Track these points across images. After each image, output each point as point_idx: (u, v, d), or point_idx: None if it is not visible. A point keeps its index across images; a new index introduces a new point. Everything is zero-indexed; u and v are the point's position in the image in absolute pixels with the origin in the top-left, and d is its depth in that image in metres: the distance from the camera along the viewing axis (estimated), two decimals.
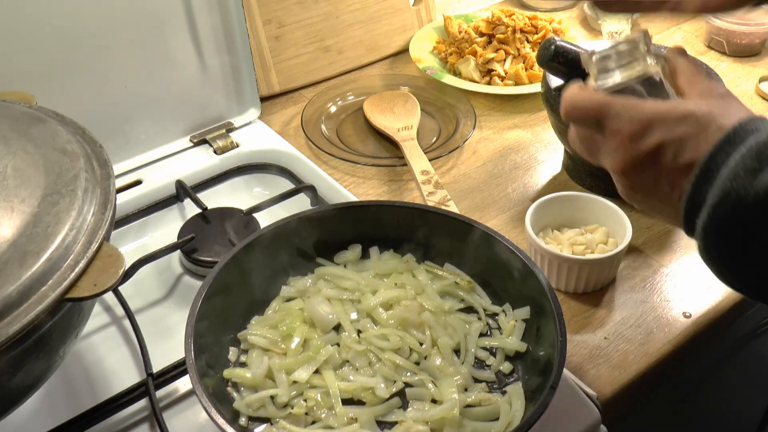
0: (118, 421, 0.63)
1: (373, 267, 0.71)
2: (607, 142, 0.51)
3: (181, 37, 0.89)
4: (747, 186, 0.43)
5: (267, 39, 1.05)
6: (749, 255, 0.45)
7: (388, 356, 0.63)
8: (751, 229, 0.44)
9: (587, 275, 0.72)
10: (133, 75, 0.87)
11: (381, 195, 0.89)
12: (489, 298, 0.69)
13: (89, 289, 0.50)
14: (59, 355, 0.56)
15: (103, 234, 0.53)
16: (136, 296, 0.75)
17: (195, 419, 0.63)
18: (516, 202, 0.87)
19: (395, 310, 0.66)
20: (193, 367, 0.56)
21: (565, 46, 0.77)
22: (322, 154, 0.95)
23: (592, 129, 0.52)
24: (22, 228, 0.51)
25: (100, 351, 0.70)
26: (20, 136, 0.59)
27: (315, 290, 0.69)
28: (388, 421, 0.59)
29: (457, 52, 1.11)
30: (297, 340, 0.64)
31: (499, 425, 0.58)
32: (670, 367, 0.70)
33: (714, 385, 0.98)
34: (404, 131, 0.96)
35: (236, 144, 0.95)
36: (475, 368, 0.64)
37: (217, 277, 0.63)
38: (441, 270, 0.71)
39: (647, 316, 0.72)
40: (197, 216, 0.82)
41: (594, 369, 0.67)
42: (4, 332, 0.46)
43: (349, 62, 1.13)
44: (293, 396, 0.60)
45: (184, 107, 0.94)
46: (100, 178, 0.58)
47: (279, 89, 1.08)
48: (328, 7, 1.09)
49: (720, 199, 0.45)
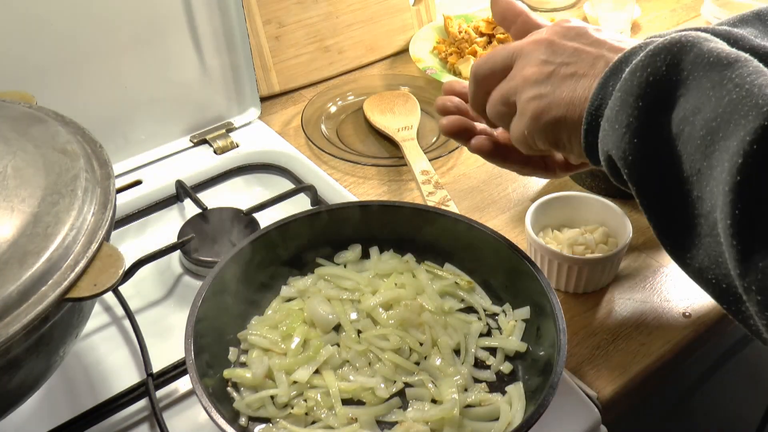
0: (118, 421, 0.63)
1: (373, 267, 0.71)
2: (536, 34, 0.56)
3: (181, 37, 0.89)
4: (694, 44, 0.45)
5: (267, 39, 1.05)
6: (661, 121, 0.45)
7: (388, 356, 0.63)
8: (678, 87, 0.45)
9: (587, 275, 0.72)
10: (133, 75, 0.87)
11: (381, 195, 0.89)
12: (489, 298, 0.69)
13: (89, 289, 0.50)
14: (59, 355, 0.56)
15: (103, 234, 0.53)
16: (136, 296, 0.75)
17: (195, 419, 0.63)
18: (516, 202, 0.87)
19: (395, 310, 0.66)
20: (193, 367, 0.56)
21: None
22: (322, 154, 0.95)
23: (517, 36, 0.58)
24: (22, 228, 0.51)
25: (100, 351, 0.70)
26: (20, 136, 0.59)
27: (315, 290, 0.69)
28: (388, 421, 0.59)
29: (457, 52, 1.11)
30: (297, 340, 0.64)
31: (499, 425, 0.58)
32: (670, 367, 0.70)
33: (714, 385, 0.98)
34: (404, 131, 0.96)
35: (236, 144, 0.95)
36: (475, 368, 0.64)
37: (217, 277, 0.63)
38: (441, 270, 0.71)
39: (647, 316, 0.72)
40: (197, 216, 0.82)
41: (594, 369, 0.67)
42: (4, 332, 0.46)
43: (349, 62, 1.13)
44: (293, 396, 0.60)
45: (184, 107, 0.94)
46: (100, 178, 0.58)
47: (279, 89, 1.08)
48: (328, 7, 1.09)
49: (663, 48, 0.46)
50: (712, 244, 0.43)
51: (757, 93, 0.41)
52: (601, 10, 1.16)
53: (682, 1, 1.34)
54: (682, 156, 0.44)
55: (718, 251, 0.43)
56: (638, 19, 1.26)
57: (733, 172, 0.40)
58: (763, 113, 0.39)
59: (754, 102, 0.40)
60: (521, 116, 0.55)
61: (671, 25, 1.28)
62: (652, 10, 1.31)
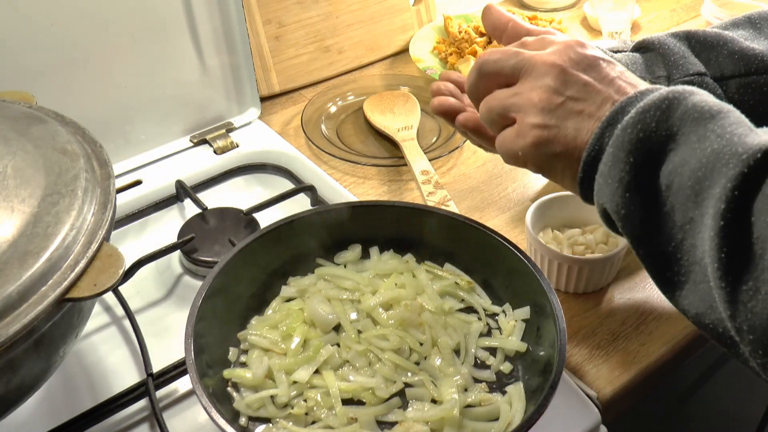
0: (118, 421, 0.63)
1: (373, 267, 0.71)
2: (553, 48, 0.55)
3: (181, 37, 0.89)
4: (681, 100, 0.47)
5: (267, 39, 1.05)
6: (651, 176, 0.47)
7: (388, 356, 0.63)
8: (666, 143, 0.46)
9: (587, 275, 0.72)
10: (133, 75, 0.87)
11: (381, 195, 0.89)
12: (489, 298, 0.69)
13: (89, 289, 0.50)
14: (59, 355, 0.56)
15: (103, 234, 0.53)
16: (136, 296, 0.75)
17: (195, 419, 0.63)
18: (516, 202, 0.87)
19: (395, 310, 0.66)
20: (193, 367, 0.56)
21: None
22: (322, 154, 0.95)
23: (535, 47, 0.57)
24: (22, 228, 0.51)
25: (100, 351, 0.70)
26: (20, 136, 0.59)
27: (315, 290, 0.69)
28: (388, 421, 0.59)
29: (457, 52, 1.11)
30: (297, 340, 0.64)
31: (499, 425, 0.58)
32: (670, 367, 0.70)
33: (714, 385, 0.98)
34: (404, 131, 0.96)
35: (236, 144, 0.95)
36: (475, 368, 0.64)
37: (217, 277, 0.63)
38: (441, 270, 0.71)
39: (647, 316, 0.72)
40: (197, 216, 0.82)
41: (594, 369, 0.67)
42: (4, 332, 0.46)
43: (349, 62, 1.13)
44: (293, 396, 0.60)
45: (184, 107, 0.94)
46: (100, 178, 0.58)
47: (279, 89, 1.08)
48: (328, 7, 1.09)
49: (652, 104, 0.47)
50: (706, 290, 0.44)
51: (737, 142, 0.43)
52: (601, 10, 1.16)
53: (682, 1, 1.34)
54: (674, 206, 0.46)
55: (712, 296, 0.44)
56: (638, 19, 1.26)
57: (717, 218, 0.42)
58: (742, 161, 0.42)
59: (734, 150, 0.42)
60: (519, 137, 0.55)
61: (671, 25, 1.28)
62: (652, 10, 1.31)
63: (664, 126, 0.47)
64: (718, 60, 0.63)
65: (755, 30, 0.64)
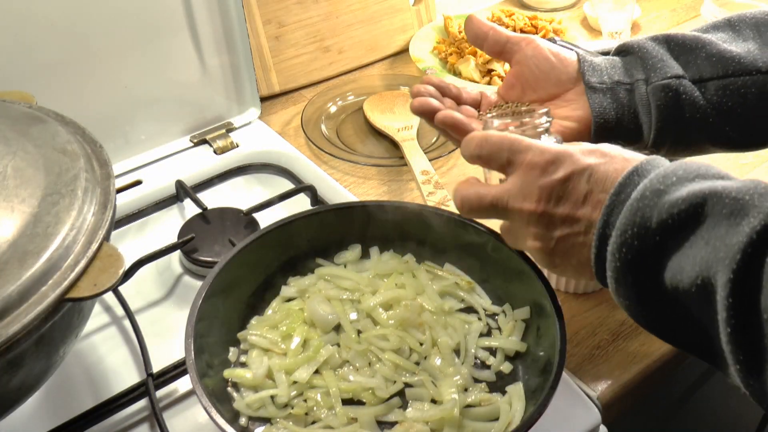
0: (118, 421, 0.63)
1: (373, 267, 0.71)
2: (518, 182, 0.54)
3: (181, 37, 0.89)
4: (652, 207, 0.46)
5: (267, 39, 1.05)
6: (655, 286, 0.47)
7: (388, 356, 0.63)
8: (655, 254, 0.46)
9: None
10: (133, 75, 0.87)
11: (381, 195, 0.89)
12: (489, 298, 0.69)
13: (89, 289, 0.50)
14: (59, 355, 0.56)
15: (103, 234, 0.53)
16: (136, 296, 0.75)
17: (195, 419, 0.63)
18: None
19: (395, 311, 0.66)
20: (193, 367, 0.56)
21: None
22: (322, 154, 0.95)
23: (500, 164, 0.56)
24: (22, 228, 0.51)
25: (100, 351, 0.70)
26: (20, 136, 0.59)
27: (315, 290, 0.69)
28: (388, 421, 0.59)
29: (457, 52, 1.11)
30: (297, 340, 0.64)
31: (499, 425, 0.58)
32: (670, 367, 0.70)
33: (714, 385, 0.98)
34: (404, 131, 0.96)
35: (236, 144, 0.95)
36: (475, 368, 0.64)
37: (217, 277, 0.63)
38: (441, 270, 0.71)
39: None
40: (197, 216, 0.82)
41: (594, 369, 0.67)
42: (4, 332, 0.46)
43: (349, 62, 1.13)
44: (293, 396, 0.60)
45: (184, 107, 0.94)
46: (100, 178, 0.58)
47: (279, 89, 1.08)
48: (328, 7, 1.09)
49: (627, 221, 0.47)
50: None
51: (719, 246, 0.42)
52: (601, 10, 1.16)
53: (682, 1, 1.34)
54: (690, 308, 0.46)
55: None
56: (638, 19, 1.27)
57: (724, 325, 0.42)
58: (726, 266, 0.41)
59: (718, 256, 0.42)
60: (531, 253, 0.58)
61: (671, 25, 1.28)
62: (652, 10, 1.31)
63: (645, 241, 0.47)
64: (696, 62, 0.63)
65: (734, 32, 0.65)
